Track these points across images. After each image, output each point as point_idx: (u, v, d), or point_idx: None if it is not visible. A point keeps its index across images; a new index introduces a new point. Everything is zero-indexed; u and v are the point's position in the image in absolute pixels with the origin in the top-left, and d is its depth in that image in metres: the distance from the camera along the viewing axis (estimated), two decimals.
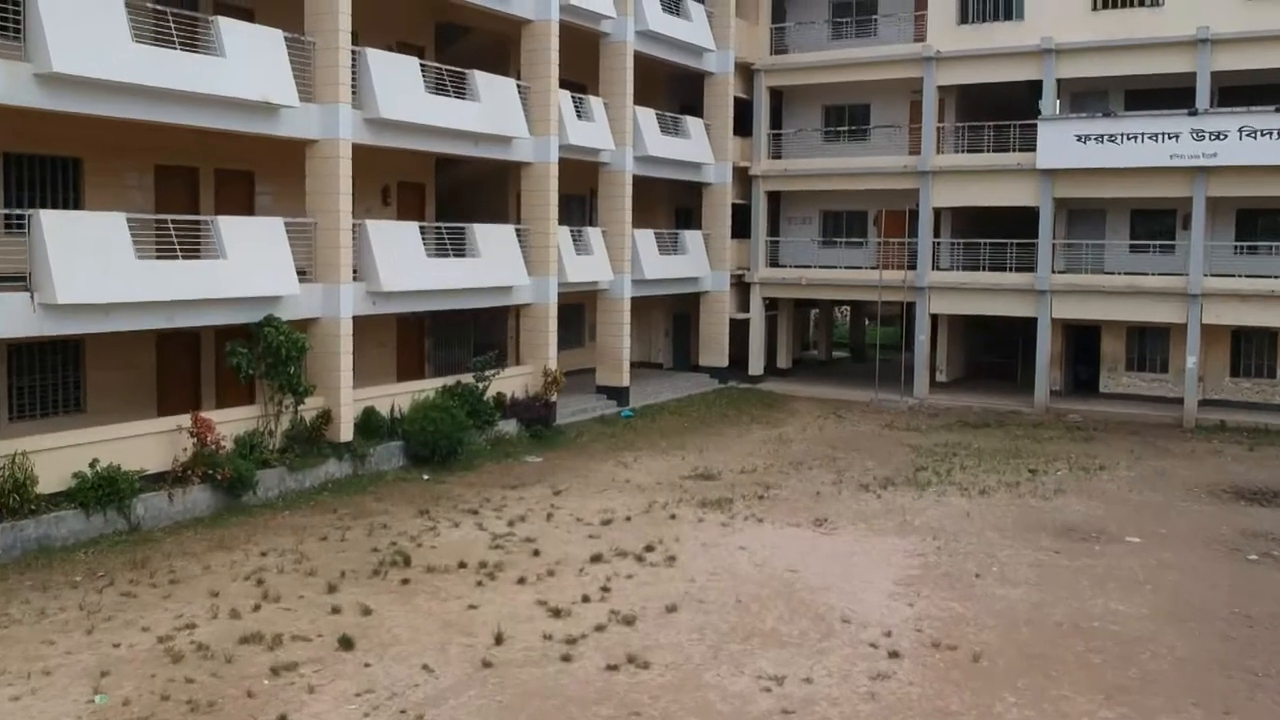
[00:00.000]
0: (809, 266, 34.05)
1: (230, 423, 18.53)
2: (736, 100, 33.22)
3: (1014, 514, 19.25)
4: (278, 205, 22.21)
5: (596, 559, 15.82)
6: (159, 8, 17.46)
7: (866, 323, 43.81)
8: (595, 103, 27.33)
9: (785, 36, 34.55)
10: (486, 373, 23.38)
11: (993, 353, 35.15)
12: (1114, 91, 30.90)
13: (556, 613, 13.52)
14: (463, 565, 15.36)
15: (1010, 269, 30.65)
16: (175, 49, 17.13)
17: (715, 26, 31.95)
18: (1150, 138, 28.16)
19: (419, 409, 21.66)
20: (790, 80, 34.10)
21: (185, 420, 17.66)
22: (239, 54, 18.01)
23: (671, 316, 34.95)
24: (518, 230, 25.10)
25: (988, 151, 31.10)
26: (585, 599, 14.07)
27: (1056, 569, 15.99)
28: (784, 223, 35.68)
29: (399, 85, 21.15)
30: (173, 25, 17.19)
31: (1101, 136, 28.68)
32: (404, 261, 21.43)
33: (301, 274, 19.69)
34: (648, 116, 29.17)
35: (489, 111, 23.38)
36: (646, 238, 29.56)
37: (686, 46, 30.64)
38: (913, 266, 31.70)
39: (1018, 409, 30.50)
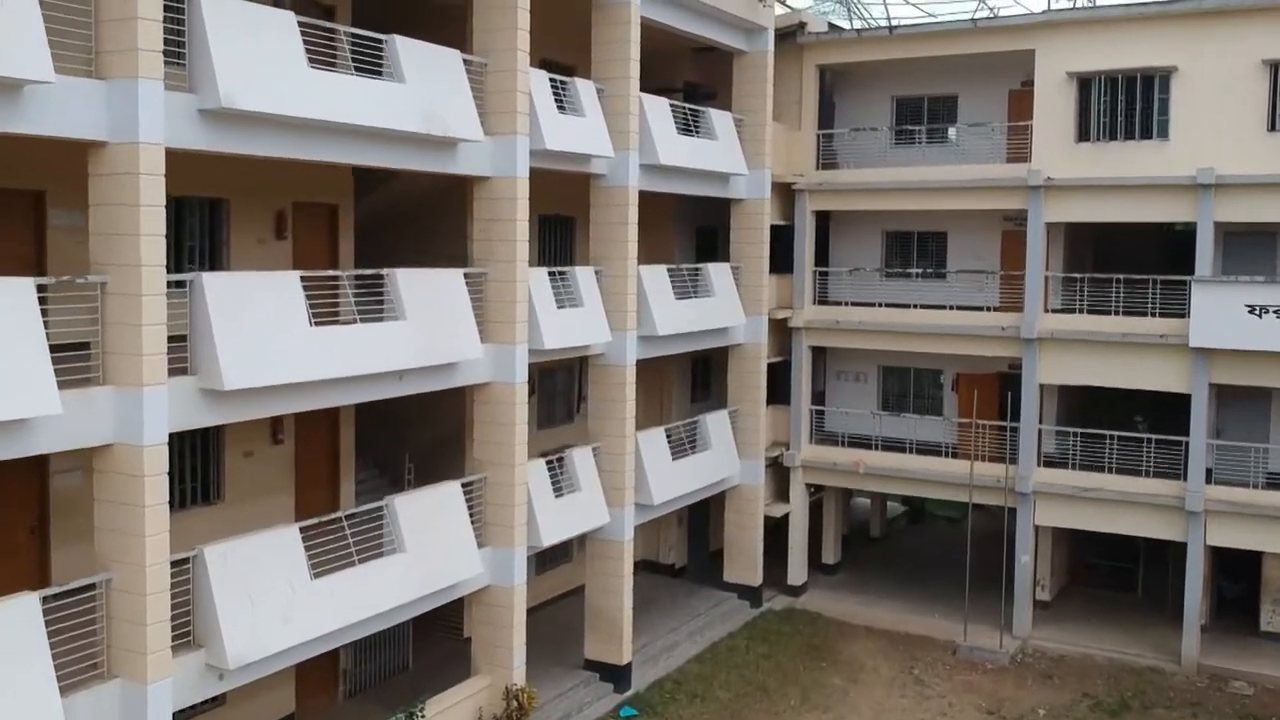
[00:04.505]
0: (868, 442, 25.90)
1: None
2: (772, 228, 25.22)
3: None
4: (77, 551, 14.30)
5: None
6: None
7: None
8: (583, 277, 19.31)
9: (834, 144, 26.45)
10: None
11: (1105, 552, 26.85)
12: None
13: None
14: None
15: (1146, 470, 22.60)
16: None
17: (747, 139, 23.91)
18: None
19: None
20: (842, 203, 25.93)
21: None
22: None
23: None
24: None
25: (1116, 314, 22.96)
26: None
27: None
28: (831, 378, 27.64)
29: (268, 328, 13.18)
30: None
31: None
32: None
33: None
34: (658, 280, 21.17)
35: (421, 331, 15.45)
36: (656, 441, 21.61)
37: (709, 175, 22.68)
38: (1013, 458, 23.65)
39: (1157, 664, 22.47)
